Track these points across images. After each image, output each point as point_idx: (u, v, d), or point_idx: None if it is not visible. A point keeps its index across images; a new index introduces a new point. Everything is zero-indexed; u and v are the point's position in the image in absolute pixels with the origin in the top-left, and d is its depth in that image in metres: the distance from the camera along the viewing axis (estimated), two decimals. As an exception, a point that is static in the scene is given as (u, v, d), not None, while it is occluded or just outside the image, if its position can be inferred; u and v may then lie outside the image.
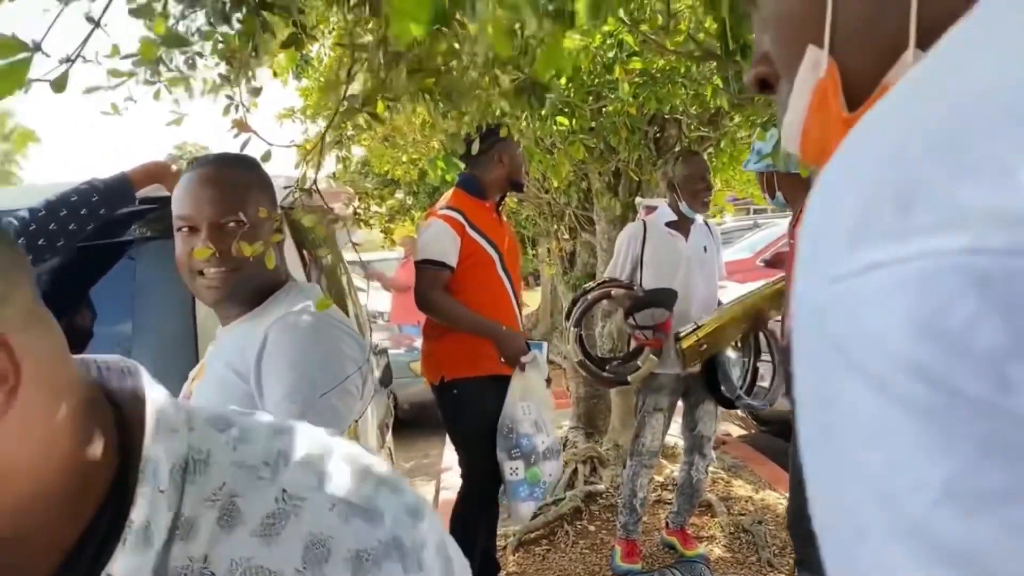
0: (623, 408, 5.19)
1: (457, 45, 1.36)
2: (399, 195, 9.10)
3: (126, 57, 1.26)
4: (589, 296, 3.87)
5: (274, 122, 5.10)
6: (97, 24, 0.97)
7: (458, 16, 1.34)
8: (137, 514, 0.60)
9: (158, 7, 1.26)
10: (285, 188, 1.76)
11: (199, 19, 1.33)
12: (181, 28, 1.33)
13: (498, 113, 2.06)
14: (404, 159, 5.21)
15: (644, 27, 2.33)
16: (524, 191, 3.93)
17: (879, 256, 0.27)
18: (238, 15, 1.25)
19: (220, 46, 1.47)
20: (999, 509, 0.24)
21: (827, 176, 0.32)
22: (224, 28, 1.31)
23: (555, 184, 5.08)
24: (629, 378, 3.76)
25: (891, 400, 0.26)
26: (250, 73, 1.51)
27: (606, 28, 3.48)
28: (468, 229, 3.31)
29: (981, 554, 0.24)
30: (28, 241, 1.99)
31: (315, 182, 1.61)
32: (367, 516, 0.65)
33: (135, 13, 1.27)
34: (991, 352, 0.24)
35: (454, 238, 3.26)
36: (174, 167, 2.27)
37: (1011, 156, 0.26)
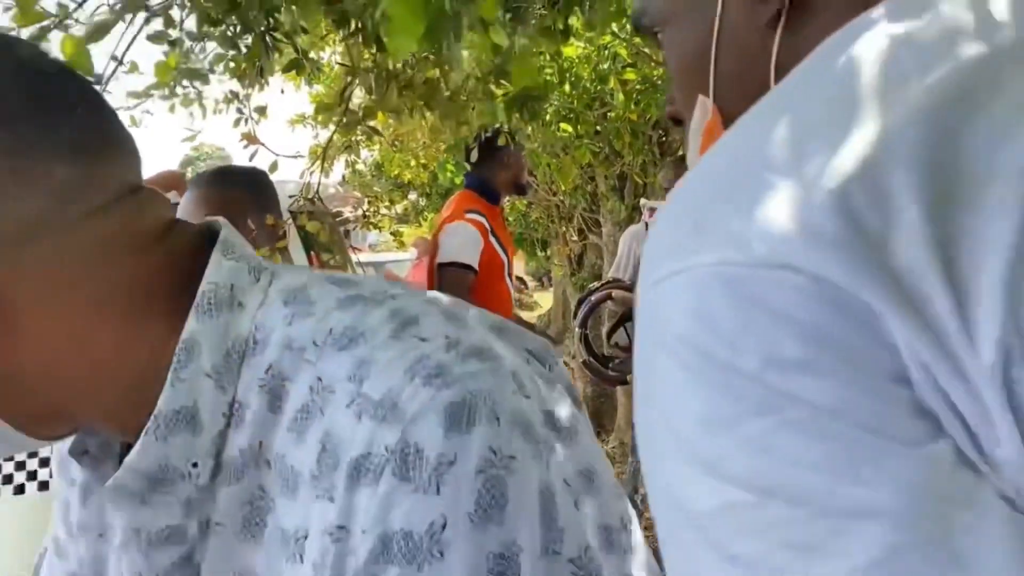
0: (629, 407, 5.29)
1: (446, 67, 1.48)
2: (412, 196, 9.23)
3: (148, 89, 1.39)
4: (593, 297, 3.97)
5: (286, 127, 5.23)
6: (120, 62, 1.08)
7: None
8: (164, 403, 0.55)
9: (173, 33, 1.38)
10: (290, 197, 1.88)
11: (210, 43, 1.45)
12: (195, 49, 1.45)
13: (501, 121, 2.16)
14: (413, 163, 5.34)
15: (638, 39, 2.43)
16: (529, 194, 4.04)
17: (677, 266, 0.38)
18: (246, 40, 1.37)
19: (231, 65, 1.59)
20: (730, 430, 0.35)
21: (663, 207, 0.43)
22: (233, 52, 1.43)
23: (563, 187, 5.20)
24: (628, 377, 3.86)
25: (677, 363, 0.38)
26: (257, 88, 1.63)
27: (603, 39, 3.58)
28: (490, 236, 3.40)
29: (721, 461, 0.36)
30: None
31: (318, 190, 1.72)
32: (384, 415, 0.50)
33: (152, 39, 1.39)
34: (729, 330, 0.36)
35: (479, 242, 3.34)
36: (188, 175, 2.40)
37: (757, 195, 0.37)
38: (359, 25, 1.29)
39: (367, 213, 5.36)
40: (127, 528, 0.58)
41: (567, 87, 4.01)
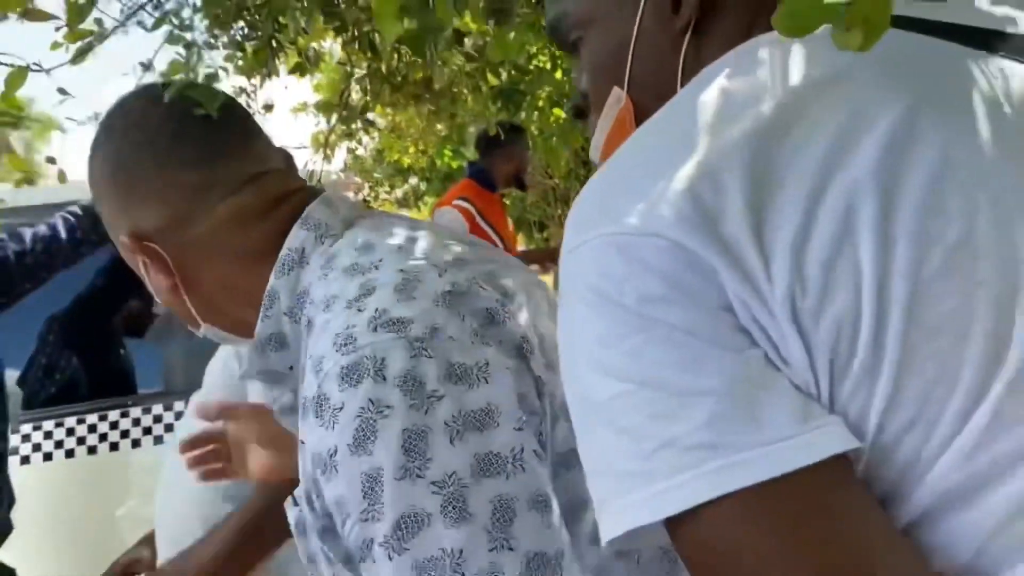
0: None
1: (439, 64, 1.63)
2: (413, 181, 9.35)
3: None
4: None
5: (289, 116, 5.37)
6: (147, 67, 1.24)
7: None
8: (259, 332, 0.84)
9: (189, 36, 1.53)
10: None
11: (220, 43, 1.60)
12: (206, 50, 1.60)
13: (491, 113, 2.30)
14: (412, 150, 5.48)
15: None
16: (525, 190, 4.19)
17: (587, 236, 0.51)
18: (253, 44, 1.52)
19: (240, 63, 1.75)
20: (618, 344, 0.48)
21: (581, 193, 0.58)
22: (240, 53, 1.58)
23: (557, 172, 5.33)
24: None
25: (585, 303, 0.51)
26: (261, 80, 1.79)
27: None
28: (478, 219, 3.59)
29: (612, 365, 0.49)
30: (84, 234, 2.24)
31: (320, 177, 1.88)
32: (317, 370, 0.71)
33: (170, 41, 1.54)
34: (617, 278, 0.49)
35: (461, 226, 3.53)
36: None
37: (640, 188, 0.51)
38: (355, 33, 1.44)
39: (367, 198, 5.51)
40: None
41: (559, 73, 4.13)
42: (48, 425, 2.62)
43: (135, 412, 2.68)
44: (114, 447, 2.66)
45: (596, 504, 0.51)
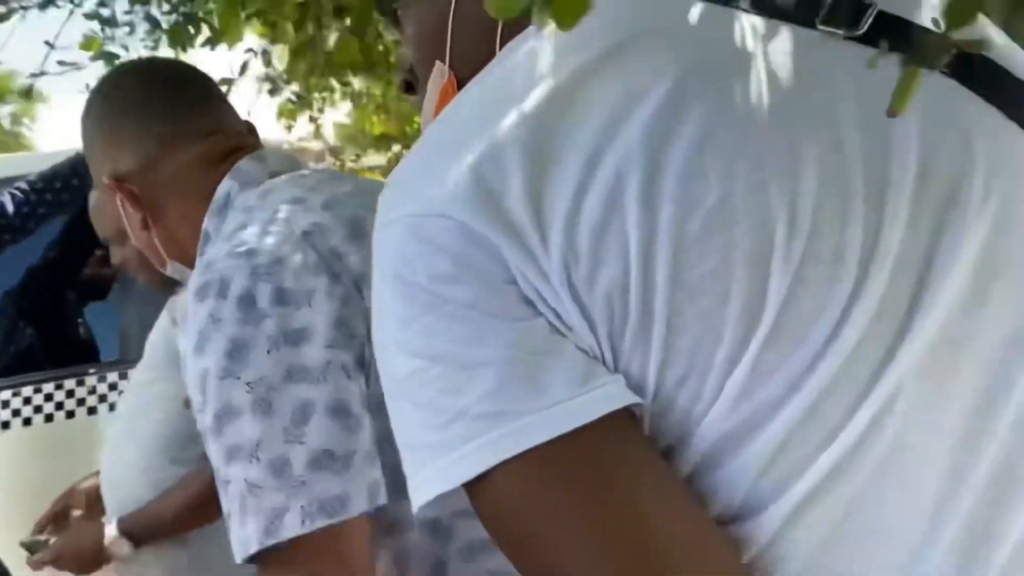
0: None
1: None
2: (396, 148, 9.34)
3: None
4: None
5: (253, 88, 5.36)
6: (52, 47, 1.28)
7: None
8: (197, 264, 0.95)
9: (106, 12, 1.57)
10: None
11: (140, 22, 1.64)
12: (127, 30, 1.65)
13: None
14: (375, 119, 5.44)
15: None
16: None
17: (389, 217, 0.53)
18: (168, 21, 1.56)
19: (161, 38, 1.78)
20: (413, 323, 0.50)
21: (392, 173, 0.60)
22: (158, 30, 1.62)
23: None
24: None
25: (386, 283, 0.52)
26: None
27: None
28: None
29: (408, 343, 0.51)
30: (32, 208, 2.28)
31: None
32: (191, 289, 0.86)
33: (88, 17, 1.58)
34: (410, 258, 0.51)
35: None
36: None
37: (434, 169, 0.52)
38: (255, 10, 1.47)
39: (332, 167, 5.50)
40: None
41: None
42: (5, 395, 2.68)
43: (91, 380, 2.74)
44: (70, 415, 2.72)
45: (406, 474, 0.54)
